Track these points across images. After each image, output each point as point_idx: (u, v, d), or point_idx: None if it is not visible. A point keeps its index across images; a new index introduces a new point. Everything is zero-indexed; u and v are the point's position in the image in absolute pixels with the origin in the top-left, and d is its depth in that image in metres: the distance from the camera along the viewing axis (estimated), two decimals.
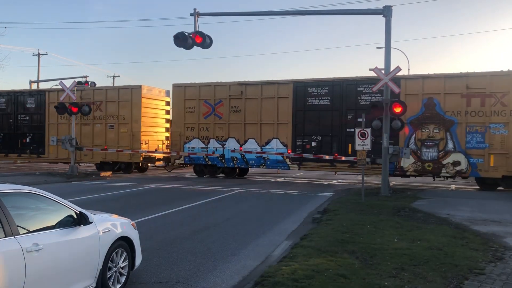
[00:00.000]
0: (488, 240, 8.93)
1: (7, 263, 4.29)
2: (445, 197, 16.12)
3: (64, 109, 23.86)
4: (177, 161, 24.66)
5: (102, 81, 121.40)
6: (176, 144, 24.44)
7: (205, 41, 17.40)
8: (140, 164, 26.54)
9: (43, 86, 41.84)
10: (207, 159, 23.69)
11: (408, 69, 40.33)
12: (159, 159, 26.22)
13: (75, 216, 5.37)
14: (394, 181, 21.45)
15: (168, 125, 27.42)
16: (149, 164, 27.65)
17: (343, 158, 20.34)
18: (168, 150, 25.73)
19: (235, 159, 22.97)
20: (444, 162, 19.20)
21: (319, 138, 21.36)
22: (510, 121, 18.21)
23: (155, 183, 20.90)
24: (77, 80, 30.48)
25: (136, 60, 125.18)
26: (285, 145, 22.00)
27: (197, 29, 17.50)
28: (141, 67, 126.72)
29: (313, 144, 21.52)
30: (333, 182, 22.66)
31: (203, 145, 23.71)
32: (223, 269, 7.14)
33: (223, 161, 23.25)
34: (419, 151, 19.58)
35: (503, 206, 13.97)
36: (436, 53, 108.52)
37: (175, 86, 24.63)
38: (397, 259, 7.25)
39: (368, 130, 15.01)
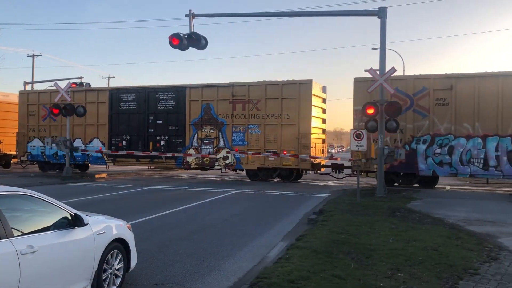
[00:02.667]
0: (482, 240, 8.97)
1: (2, 265, 4.26)
2: (440, 198, 16.18)
3: (59, 110, 23.88)
4: (22, 158, 27.97)
5: (97, 82, 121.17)
6: (20, 143, 27.61)
7: (200, 42, 17.40)
8: None
9: (37, 87, 41.65)
10: (45, 157, 27.03)
11: (403, 70, 40.45)
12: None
13: (70, 218, 5.35)
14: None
15: None
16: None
17: (151, 153, 23.99)
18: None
19: (65, 156, 25.16)
20: (218, 157, 23.28)
21: (129, 137, 25.17)
22: (262, 123, 22.49)
23: (150, 184, 20.85)
24: (71, 81, 30.43)
25: (131, 61, 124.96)
26: (103, 144, 25.64)
27: (192, 30, 17.50)
28: (136, 68, 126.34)
29: (124, 142, 25.27)
30: (329, 183, 22.69)
31: (42, 144, 26.97)
32: (218, 271, 7.13)
33: (56, 158, 26.62)
34: (199, 148, 23.64)
35: (497, 206, 14.04)
36: (431, 54, 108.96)
37: (21, 93, 28.38)
38: (393, 259, 7.26)
39: (364, 131, 15.04)
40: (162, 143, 24.28)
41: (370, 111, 16.35)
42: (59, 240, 5.05)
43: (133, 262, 6.43)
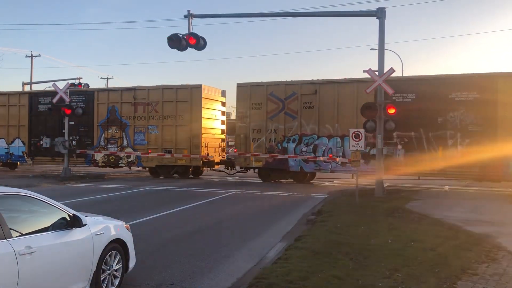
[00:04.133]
0: (481, 240, 8.98)
1: (0, 266, 4.26)
2: (438, 198, 16.19)
3: (58, 111, 23.87)
4: None
5: (95, 83, 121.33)
6: None
7: (199, 43, 17.40)
8: None
9: (36, 88, 41.63)
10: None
11: (402, 70, 40.40)
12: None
13: (69, 219, 5.34)
14: (388, 182, 21.51)
15: None
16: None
17: (79, 152, 25.28)
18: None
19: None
20: (122, 155, 24.97)
21: (46, 137, 26.27)
22: (160, 124, 24.16)
23: (149, 185, 20.84)
24: (70, 81, 30.39)
25: (130, 61, 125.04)
26: (24, 143, 27.08)
27: (191, 31, 17.50)
28: (135, 68, 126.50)
29: (41, 142, 26.56)
30: (328, 183, 22.69)
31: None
32: (217, 271, 7.13)
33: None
34: (106, 147, 25.31)
35: (496, 207, 14.04)
36: (430, 53, 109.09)
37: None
38: (391, 260, 7.27)
39: (362, 131, 15.05)
40: (74, 142, 25.59)
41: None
42: (57, 240, 5.05)
43: (132, 262, 6.42)
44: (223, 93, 26.22)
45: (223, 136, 26.35)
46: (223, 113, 26.35)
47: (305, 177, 22.17)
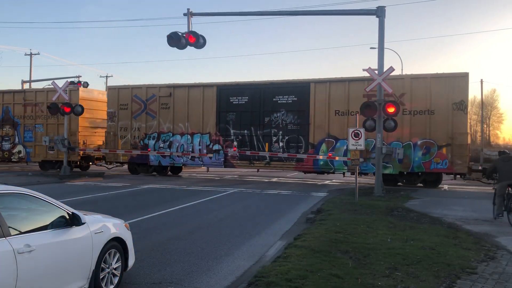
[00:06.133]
0: (480, 239, 8.99)
1: None
2: (438, 197, 16.21)
3: (57, 110, 23.88)
4: None
5: (95, 81, 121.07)
6: None
7: (198, 41, 17.37)
8: None
9: (35, 86, 41.56)
10: None
11: (402, 69, 40.48)
12: None
13: (68, 217, 5.34)
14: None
15: None
16: None
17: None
18: None
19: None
20: (14, 151, 27.25)
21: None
22: (45, 123, 26.44)
23: (148, 183, 20.83)
24: (69, 80, 30.41)
25: (129, 60, 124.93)
26: None
27: (190, 29, 17.48)
28: (134, 67, 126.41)
29: None
30: (327, 182, 22.71)
31: None
32: (216, 270, 7.13)
33: None
34: (1, 144, 27.53)
35: None
36: (430, 53, 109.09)
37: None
38: (390, 258, 7.27)
39: (362, 130, 15.04)
40: None
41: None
42: (56, 239, 5.04)
43: (131, 261, 6.42)
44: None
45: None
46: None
47: (166, 170, 25.15)
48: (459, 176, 20.19)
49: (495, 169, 11.91)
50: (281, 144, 21.90)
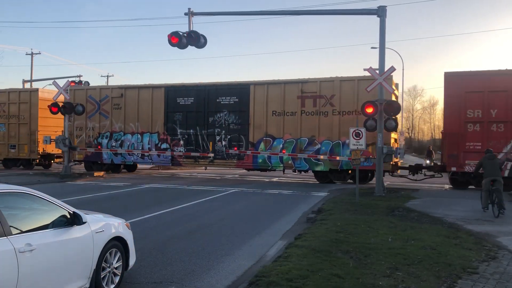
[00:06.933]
0: (481, 239, 8.98)
1: (0, 264, 4.25)
2: (438, 197, 16.19)
3: (58, 109, 23.89)
4: None
5: (96, 81, 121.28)
6: None
7: (199, 41, 17.38)
8: None
9: (36, 85, 41.59)
10: None
11: (403, 69, 40.54)
12: None
13: (69, 216, 5.34)
14: (388, 180, 21.56)
15: None
16: None
17: None
18: None
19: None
20: None
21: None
22: (7, 122, 27.72)
23: (149, 183, 20.84)
24: (70, 79, 30.45)
25: (130, 59, 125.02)
26: None
27: (191, 29, 17.47)
28: (135, 66, 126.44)
29: None
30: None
31: None
32: (217, 269, 7.13)
33: None
34: None
35: None
36: (430, 52, 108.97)
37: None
38: (391, 258, 7.26)
39: (363, 130, 15.04)
40: None
41: (369, 110, 16.38)
42: (57, 238, 5.04)
43: (132, 260, 6.42)
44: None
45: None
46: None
47: (119, 168, 26.32)
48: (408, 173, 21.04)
49: (481, 166, 12.98)
50: (223, 143, 22.93)
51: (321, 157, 20.81)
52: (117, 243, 6.04)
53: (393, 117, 16.68)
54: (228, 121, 22.92)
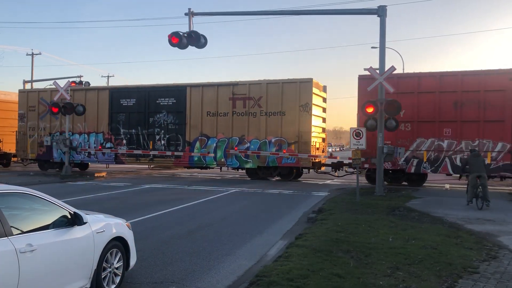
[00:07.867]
0: (482, 239, 8.98)
1: (1, 264, 4.25)
2: (439, 197, 16.19)
3: (58, 109, 23.92)
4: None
5: (97, 81, 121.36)
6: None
7: (199, 41, 17.38)
8: None
9: (37, 86, 41.58)
10: None
11: (403, 69, 40.41)
12: None
13: (69, 217, 5.34)
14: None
15: None
16: None
17: None
18: None
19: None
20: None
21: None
22: None
23: (150, 183, 20.84)
24: (71, 80, 30.49)
25: (131, 60, 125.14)
26: None
27: (191, 29, 17.47)
28: (136, 66, 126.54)
29: None
30: (328, 181, 22.70)
31: None
32: (218, 269, 7.13)
33: None
34: None
35: (496, 205, 14.02)
36: (430, 52, 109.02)
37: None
38: (392, 258, 7.26)
39: (363, 129, 15.03)
40: None
41: (370, 109, 16.36)
42: (58, 238, 5.04)
43: (133, 260, 6.42)
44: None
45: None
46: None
47: (86, 167, 28.07)
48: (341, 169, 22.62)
49: (467, 163, 14.06)
50: (163, 142, 24.20)
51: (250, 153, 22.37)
52: (118, 243, 6.04)
53: (394, 118, 16.64)
54: (167, 121, 24.18)
